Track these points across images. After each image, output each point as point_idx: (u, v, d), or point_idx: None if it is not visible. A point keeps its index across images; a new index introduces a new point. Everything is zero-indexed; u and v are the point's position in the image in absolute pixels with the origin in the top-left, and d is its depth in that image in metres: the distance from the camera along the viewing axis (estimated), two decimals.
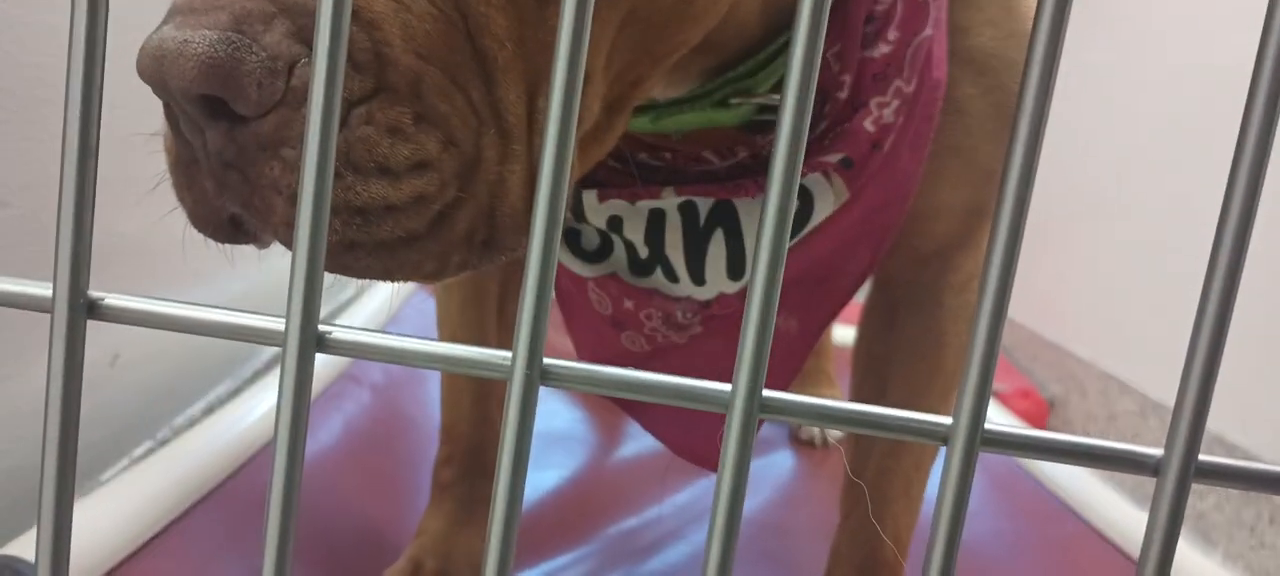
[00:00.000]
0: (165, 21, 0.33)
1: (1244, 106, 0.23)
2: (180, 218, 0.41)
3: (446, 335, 0.78)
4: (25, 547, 0.70)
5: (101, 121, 0.24)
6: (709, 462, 0.73)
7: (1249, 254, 0.24)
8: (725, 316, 0.61)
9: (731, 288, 0.59)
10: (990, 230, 0.24)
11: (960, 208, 0.62)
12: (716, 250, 0.57)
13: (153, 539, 0.77)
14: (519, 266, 0.70)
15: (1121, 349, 1.52)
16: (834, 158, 0.55)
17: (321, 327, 0.25)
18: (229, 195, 0.35)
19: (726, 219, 0.56)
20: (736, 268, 0.57)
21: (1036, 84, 0.23)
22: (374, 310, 1.41)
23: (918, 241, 0.63)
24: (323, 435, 0.99)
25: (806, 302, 0.64)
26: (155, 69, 0.32)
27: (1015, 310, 1.79)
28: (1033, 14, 0.24)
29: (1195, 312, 0.24)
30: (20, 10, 0.74)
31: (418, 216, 0.36)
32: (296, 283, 0.24)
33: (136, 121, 0.43)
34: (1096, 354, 1.58)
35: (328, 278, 0.27)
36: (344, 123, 0.34)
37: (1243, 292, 0.24)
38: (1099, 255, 1.61)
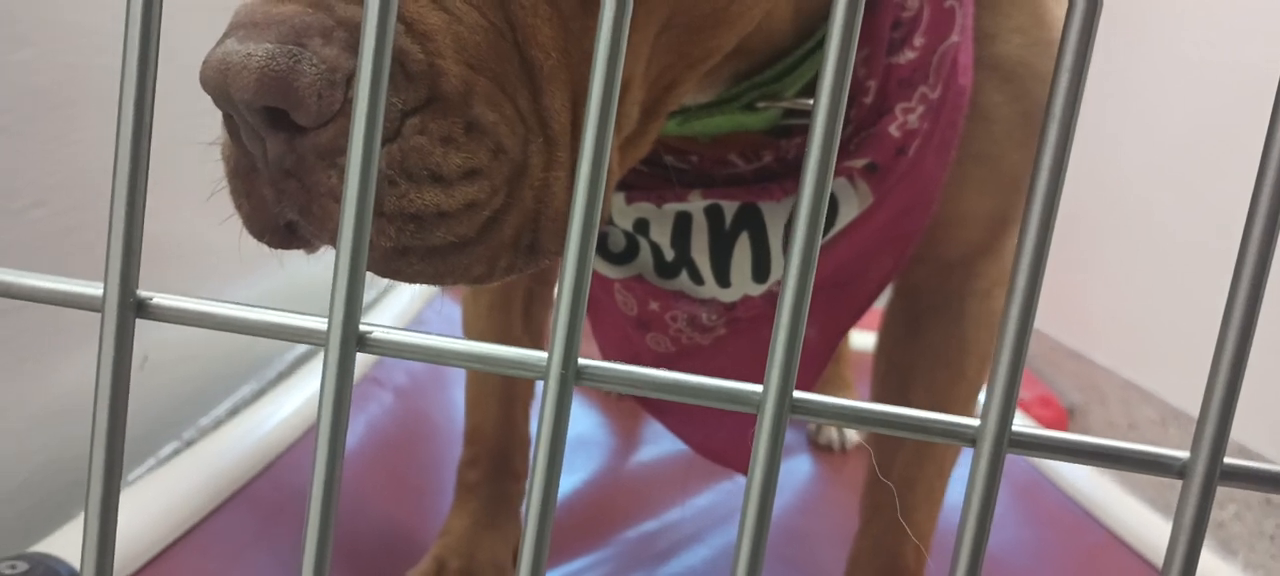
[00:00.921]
0: (227, 35, 0.34)
1: (1271, 112, 0.24)
2: (205, 220, 0.42)
3: (473, 338, 0.79)
4: (56, 545, 0.71)
5: (153, 123, 0.25)
6: (730, 462, 0.74)
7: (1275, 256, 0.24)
8: (749, 319, 0.62)
9: (756, 290, 0.59)
10: (1019, 233, 0.25)
11: (985, 215, 0.62)
12: (742, 253, 0.57)
13: (180, 538, 0.78)
14: (544, 272, 0.71)
15: (1142, 357, 1.51)
16: (859, 162, 0.55)
17: (362, 327, 0.26)
18: (286, 202, 0.36)
19: (752, 222, 0.56)
20: (761, 270, 0.58)
21: (1065, 93, 0.24)
22: (398, 312, 1.42)
23: (942, 248, 0.64)
24: (348, 437, 1.00)
25: (827, 308, 0.64)
26: (219, 81, 0.33)
27: (1036, 318, 1.78)
28: (1060, 22, 0.24)
29: (1222, 314, 0.25)
30: (54, 10, 0.75)
31: (469, 222, 0.37)
32: (339, 283, 0.25)
33: (165, 126, 0.44)
34: (1117, 362, 1.58)
35: None
36: (398, 132, 0.35)
37: (1270, 303, 0.25)
38: (1120, 263, 1.61)
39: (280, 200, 0.36)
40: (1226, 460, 0.26)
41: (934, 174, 0.57)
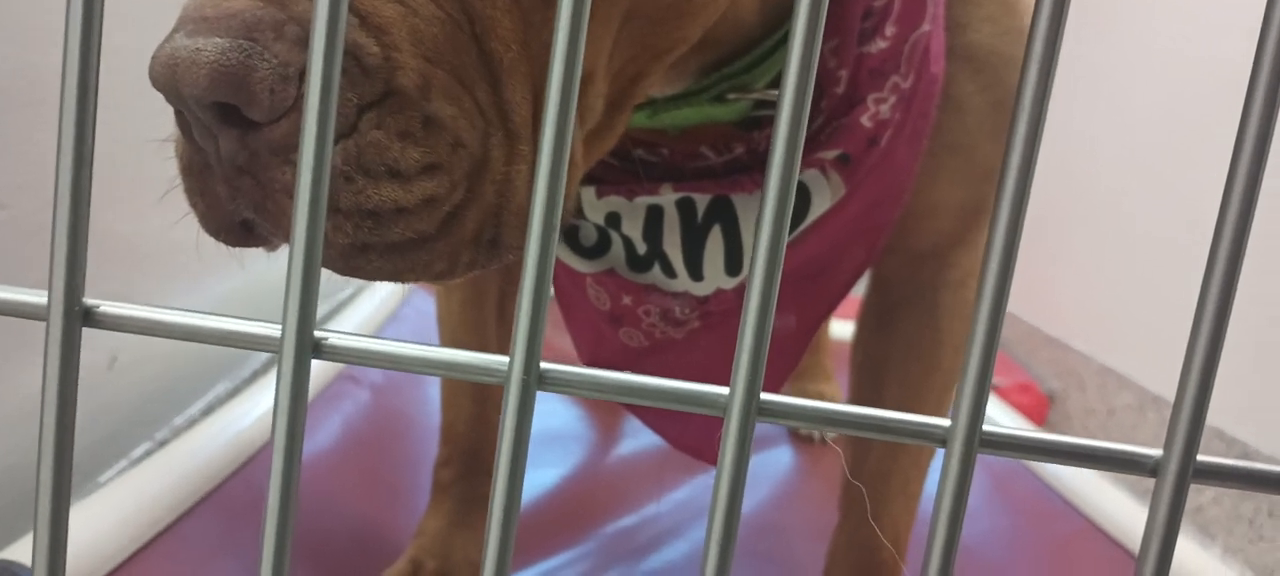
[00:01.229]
0: (177, 29, 0.33)
1: (1244, 100, 0.23)
2: (169, 219, 0.41)
3: (446, 334, 0.78)
4: (22, 552, 0.70)
5: (96, 127, 0.24)
6: (705, 455, 0.73)
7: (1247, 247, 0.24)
8: (723, 312, 0.62)
9: (729, 283, 0.59)
10: (989, 230, 0.24)
11: (957, 205, 0.62)
12: (714, 246, 0.57)
13: (152, 540, 0.77)
14: (516, 272, 0.70)
15: (1120, 343, 1.52)
16: (831, 154, 0.55)
17: (318, 333, 0.25)
18: (241, 199, 0.35)
19: (724, 215, 0.56)
20: (734, 264, 0.57)
21: (1035, 81, 0.23)
22: (371, 310, 1.41)
23: (915, 239, 0.63)
24: (322, 436, 0.99)
25: (802, 299, 0.64)
26: (168, 77, 0.33)
27: (1014, 305, 1.79)
28: (1031, 9, 0.24)
29: (1193, 314, 0.24)
30: (16, 10, 0.74)
31: (428, 218, 0.36)
32: (293, 289, 0.24)
33: (130, 124, 0.43)
34: (1095, 348, 1.58)
35: (325, 277, 0.27)
36: (354, 127, 0.34)
37: (1240, 285, 0.24)
38: (1097, 249, 1.61)
39: (235, 198, 0.36)
40: (1200, 458, 0.25)
41: (906, 164, 0.57)
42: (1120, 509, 1.04)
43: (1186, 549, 0.98)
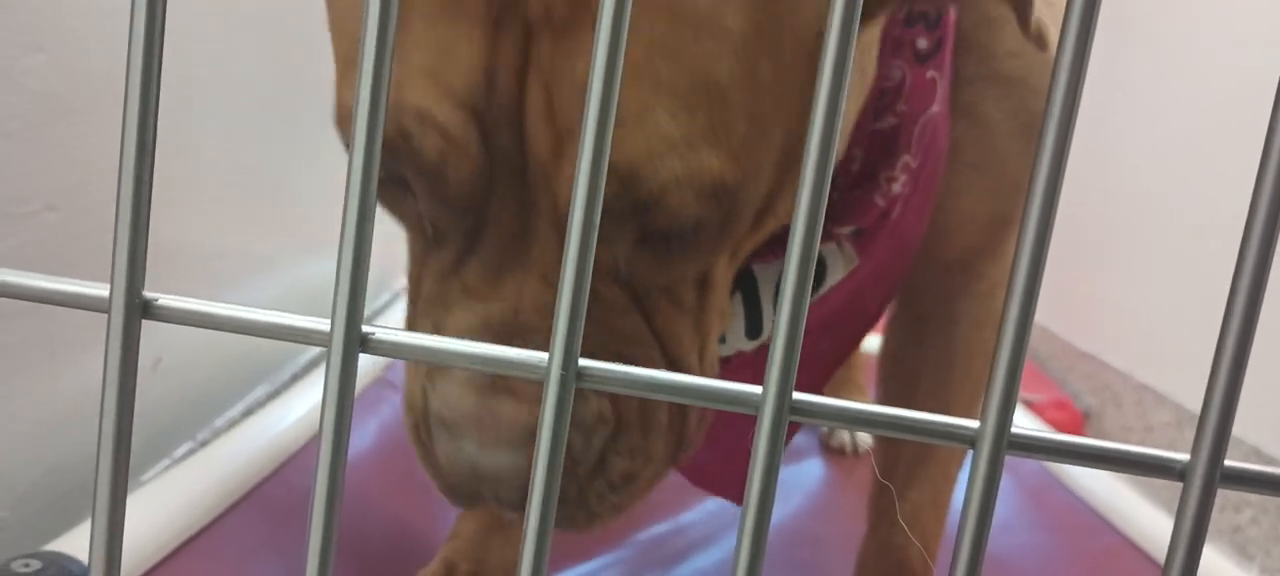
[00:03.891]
0: (454, 433, 0.40)
1: (1270, 111, 0.23)
2: (216, 224, 0.42)
3: None
4: (68, 544, 0.72)
5: (158, 123, 0.25)
6: (720, 489, 0.73)
7: None
8: (740, 365, 0.63)
9: (749, 346, 0.60)
10: (1019, 230, 0.25)
11: (984, 218, 0.62)
12: (736, 313, 0.58)
13: (192, 538, 0.79)
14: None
15: (1157, 360, 1.50)
16: (847, 229, 0.56)
17: (365, 328, 0.26)
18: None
19: (745, 284, 0.57)
20: (754, 328, 0.59)
21: (1064, 91, 0.24)
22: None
23: (943, 251, 0.64)
24: (358, 439, 1.00)
25: (821, 351, 0.65)
26: (475, 486, 0.41)
27: (1050, 320, 1.78)
28: (1056, 38, 0.24)
29: (1222, 315, 0.24)
30: (66, 17, 0.76)
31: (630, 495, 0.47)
32: (341, 285, 0.25)
33: (176, 133, 0.44)
34: (1132, 365, 1.57)
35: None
36: (604, 462, 0.44)
37: (1277, 303, 0.24)
38: (1134, 265, 1.60)
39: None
40: (1227, 463, 0.26)
41: (916, 228, 0.59)
42: (1156, 525, 1.03)
43: (1224, 567, 0.97)
